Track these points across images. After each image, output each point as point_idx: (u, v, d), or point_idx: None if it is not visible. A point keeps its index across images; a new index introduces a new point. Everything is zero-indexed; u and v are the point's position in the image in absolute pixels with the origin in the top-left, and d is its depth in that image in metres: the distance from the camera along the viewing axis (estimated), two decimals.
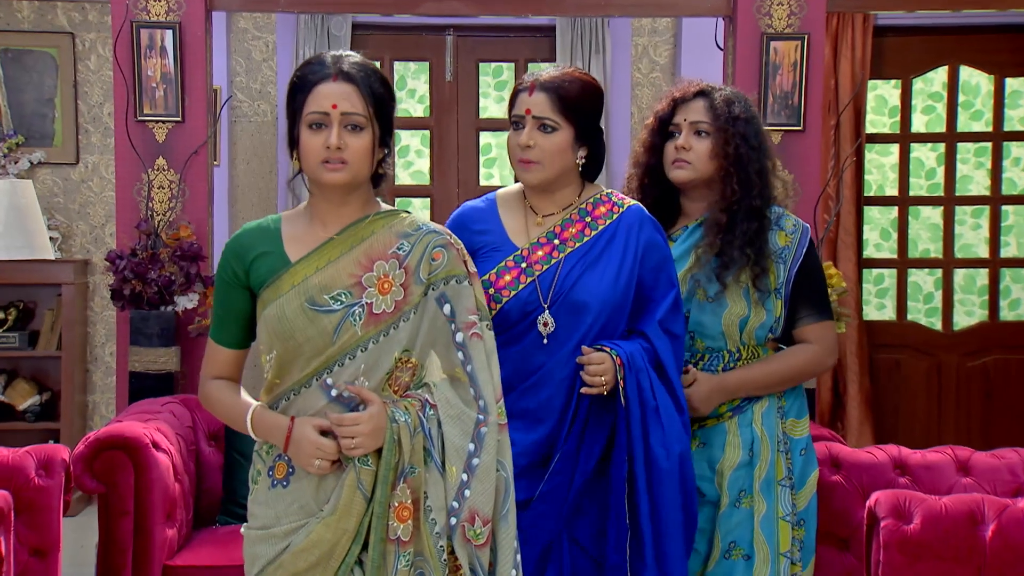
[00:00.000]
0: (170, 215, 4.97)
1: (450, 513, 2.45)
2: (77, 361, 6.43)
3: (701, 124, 3.16)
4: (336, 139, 2.45)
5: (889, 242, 6.96)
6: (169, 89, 5.02)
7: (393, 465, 2.44)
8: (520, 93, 2.91)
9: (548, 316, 2.88)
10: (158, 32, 4.99)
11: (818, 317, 3.18)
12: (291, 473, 2.51)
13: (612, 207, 2.98)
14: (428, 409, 2.48)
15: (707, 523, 3.11)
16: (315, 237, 2.54)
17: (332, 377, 2.48)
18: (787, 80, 5.10)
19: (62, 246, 6.56)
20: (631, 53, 6.92)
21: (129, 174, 5.01)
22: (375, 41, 6.99)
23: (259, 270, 2.53)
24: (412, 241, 2.54)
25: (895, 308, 6.91)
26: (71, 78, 6.58)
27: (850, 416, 6.51)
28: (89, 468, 3.71)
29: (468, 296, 2.55)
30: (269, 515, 2.52)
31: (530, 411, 2.88)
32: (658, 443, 2.83)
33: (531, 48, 7.02)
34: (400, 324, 2.50)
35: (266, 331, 2.51)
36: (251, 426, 2.53)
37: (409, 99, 7.16)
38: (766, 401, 3.14)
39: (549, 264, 2.91)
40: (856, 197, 6.48)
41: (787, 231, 3.16)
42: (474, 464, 2.47)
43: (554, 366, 2.87)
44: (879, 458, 3.63)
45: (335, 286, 2.49)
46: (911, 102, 6.83)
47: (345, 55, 2.54)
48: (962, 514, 3.13)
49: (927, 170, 6.95)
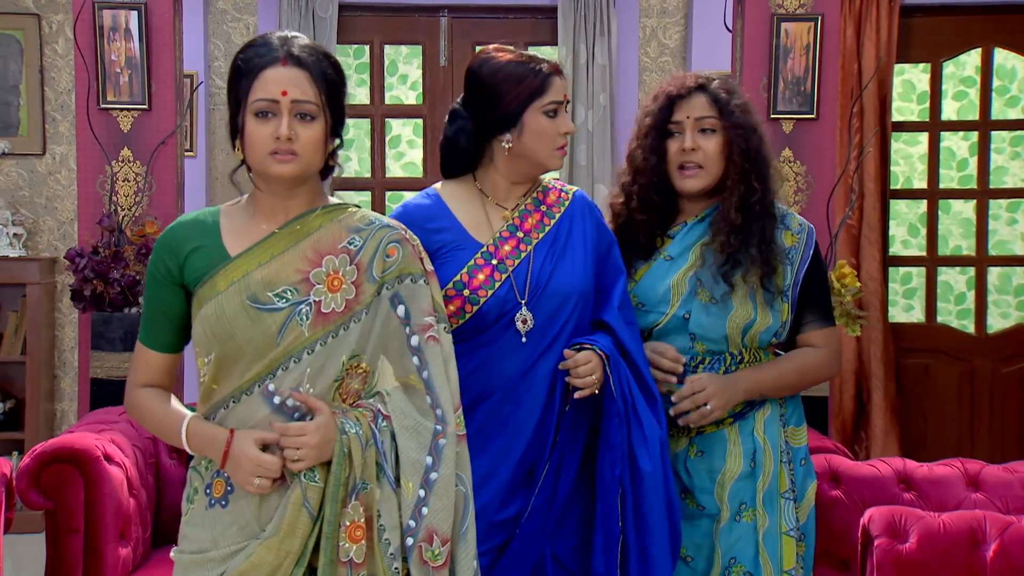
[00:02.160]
0: (136, 210, 4.99)
1: (406, 532, 2.42)
2: (43, 366, 6.43)
3: (707, 120, 3.12)
4: (286, 129, 2.41)
5: (917, 238, 6.92)
6: (135, 75, 5.04)
7: (343, 481, 2.40)
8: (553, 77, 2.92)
9: (526, 312, 2.88)
10: (122, 13, 5.00)
11: (823, 323, 3.17)
12: (230, 492, 2.47)
13: (560, 194, 3.05)
14: (381, 420, 2.45)
15: (706, 538, 3.10)
16: (257, 231, 2.51)
17: (275, 383, 2.44)
18: (799, 64, 5.09)
19: (27, 243, 6.56)
20: (639, 35, 6.90)
21: (91, 166, 5.03)
22: (364, 23, 7.00)
23: (194, 265, 2.48)
24: (364, 236, 2.52)
25: (924, 310, 6.87)
26: (37, 63, 6.58)
27: (874, 426, 6.46)
28: (35, 482, 3.69)
29: (424, 296, 2.53)
30: (205, 538, 2.47)
31: (511, 417, 2.87)
32: (639, 442, 2.86)
33: (531, 30, 7.01)
34: (351, 325, 2.47)
35: (203, 332, 2.46)
36: (186, 439, 2.48)
37: (401, 85, 7.16)
38: (768, 408, 3.13)
39: (520, 258, 2.93)
40: (881, 190, 6.44)
41: (793, 231, 3.15)
42: (432, 479, 2.44)
43: (534, 365, 2.88)
44: (882, 472, 3.61)
45: (280, 282, 2.45)
46: (941, 87, 6.79)
47: (293, 36, 2.49)
48: (962, 532, 3.11)
49: (958, 160, 6.91)
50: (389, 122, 7.16)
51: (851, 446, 6.43)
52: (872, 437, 6.47)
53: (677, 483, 3.13)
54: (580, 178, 6.69)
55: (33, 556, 4.96)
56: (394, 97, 7.15)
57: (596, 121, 6.71)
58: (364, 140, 7.13)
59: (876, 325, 6.31)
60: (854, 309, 4.79)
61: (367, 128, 7.11)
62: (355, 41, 7.05)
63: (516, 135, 2.92)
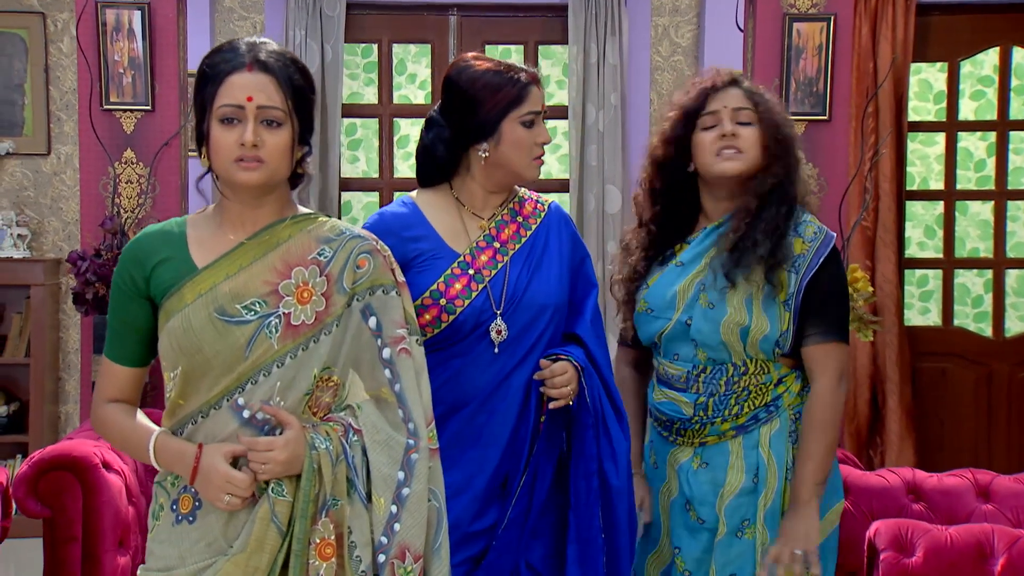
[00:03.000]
0: (139, 212, 5.00)
1: (378, 549, 2.40)
2: (48, 369, 6.42)
3: (743, 112, 3.13)
4: (251, 135, 2.38)
5: (934, 240, 6.89)
6: (138, 75, 5.05)
7: (313, 497, 2.38)
8: (530, 87, 2.93)
9: (501, 323, 2.90)
10: (125, 12, 5.02)
11: (824, 337, 3.10)
12: (198, 507, 2.44)
13: (536, 205, 3.08)
14: (352, 435, 2.43)
15: (706, 553, 3.10)
16: (225, 241, 2.49)
17: (244, 397, 2.42)
18: (811, 65, 5.08)
19: (32, 244, 6.54)
20: (650, 34, 6.87)
21: (94, 167, 5.05)
22: (372, 21, 6.99)
23: (161, 277, 2.46)
24: (335, 247, 2.50)
25: (940, 312, 6.84)
26: (42, 62, 6.56)
27: (890, 431, 6.42)
28: (33, 490, 3.71)
29: (396, 308, 2.51)
30: (172, 555, 2.45)
31: (486, 428, 2.89)
32: (608, 456, 2.89)
33: (542, 29, 7.00)
34: (321, 337, 2.45)
35: (169, 345, 2.44)
36: (154, 455, 2.46)
37: (409, 84, 7.16)
38: (777, 422, 3.10)
39: (496, 268, 2.94)
40: (897, 191, 6.39)
41: (805, 238, 3.12)
42: (404, 494, 2.42)
43: (509, 376, 2.89)
44: (891, 482, 3.60)
45: (248, 295, 2.43)
46: (958, 87, 6.75)
47: (261, 42, 2.48)
48: (969, 546, 3.10)
49: (976, 161, 6.88)
50: (397, 122, 7.14)
51: (866, 451, 6.40)
52: (887, 442, 6.43)
53: (681, 494, 3.15)
54: (591, 179, 6.67)
55: (32, 561, 4.98)
56: (403, 96, 7.14)
57: (607, 121, 6.69)
58: (372, 140, 7.12)
59: (891, 328, 6.27)
60: (867, 314, 4.78)
61: (375, 128, 7.10)
62: (363, 40, 7.04)
63: (493, 144, 2.93)
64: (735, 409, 3.11)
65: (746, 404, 3.11)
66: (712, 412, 3.11)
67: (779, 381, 3.13)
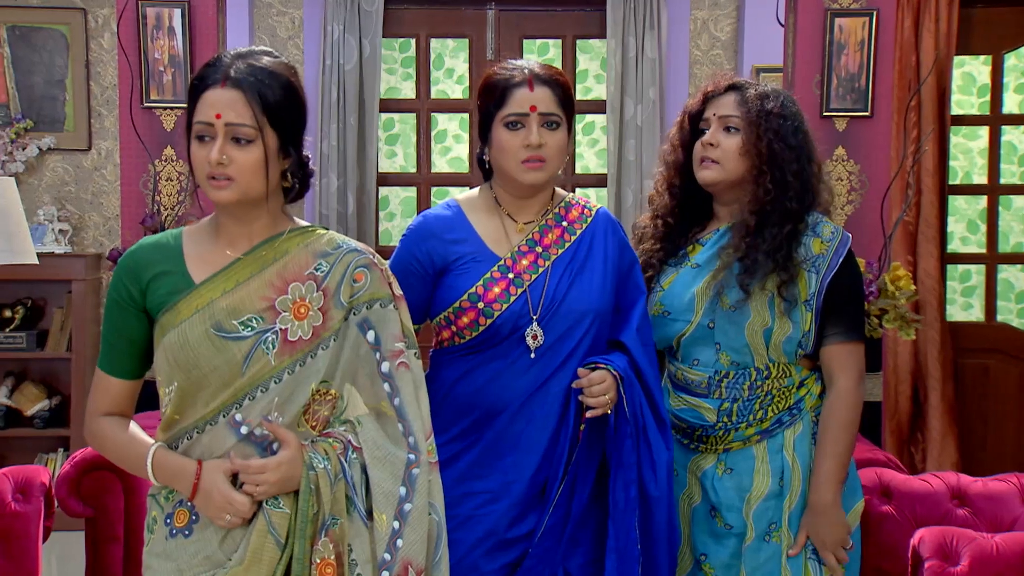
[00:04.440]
0: (179, 209, 5.00)
1: (380, 566, 2.38)
2: (89, 363, 6.41)
3: (731, 119, 3.11)
4: (216, 154, 2.35)
5: (977, 235, 6.82)
6: (178, 73, 5.05)
7: (311, 517, 2.37)
8: (514, 89, 2.86)
9: (537, 328, 2.86)
10: (165, 11, 5.02)
11: (845, 337, 3.08)
12: (194, 521, 2.43)
13: (583, 211, 3.01)
14: (351, 452, 2.42)
15: (734, 558, 3.08)
16: (221, 256, 2.47)
17: (242, 413, 2.40)
18: (853, 61, 5.02)
19: (73, 239, 6.59)
20: (689, 28, 6.84)
21: (135, 165, 5.05)
22: (410, 16, 6.98)
23: (157, 292, 2.44)
24: (331, 261, 2.48)
25: (983, 308, 6.76)
26: (83, 57, 6.61)
27: (931, 428, 6.36)
28: (76, 490, 3.70)
29: (394, 321, 2.49)
30: (169, 568, 2.43)
31: (523, 434, 2.86)
32: (647, 466, 2.85)
33: (579, 23, 6.97)
34: (318, 352, 2.44)
35: (166, 360, 2.42)
36: (151, 470, 2.43)
37: (447, 79, 7.14)
38: (800, 425, 3.09)
39: (537, 273, 2.90)
40: (939, 186, 6.32)
41: (823, 238, 3.10)
42: (406, 510, 2.41)
43: (547, 382, 2.86)
44: (935, 487, 3.55)
45: (245, 310, 2.41)
46: (1002, 80, 6.66)
47: (249, 53, 2.44)
48: (1015, 555, 3.06)
49: (1020, 155, 6.80)
50: (435, 116, 7.13)
51: (907, 448, 6.34)
52: (929, 440, 6.37)
53: (705, 501, 3.12)
54: (629, 174, 6.64)
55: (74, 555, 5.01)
56: (440, 91, 7.13)
57: (645, 116, 6.66)
58: (410, 135, 7.11)
59: (933, 324, 6.21)
60: (909, 312, 4.72)
61: (413, 123, 7.10)
62: (401, 35, 7.03)
63: (490, 149, 2.92)
64: (759, 414, 3.09)
65: (770, 408, 3.09)
66: (736, 418, 3.09)
67: (801, 384, 3.11)
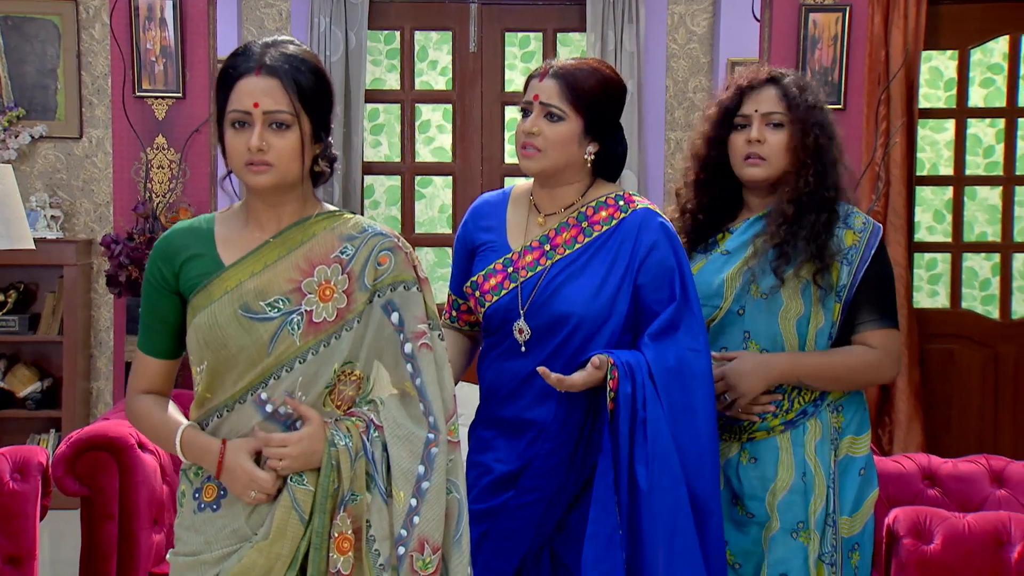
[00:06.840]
0: (170, 197, 5.00)
1: (397, 542, 2.39)
2: (80, 346, 6.47)
3: (775, 115, 3.05)
4: (257, 140, 2.37)
5: (943, 225, 6.87)
6: (169, 63, 5.05)
7: (331, 492, 2.38)
8: (532, 79, 2.91)
9: (523, 323, 2.87)
10: (157, 2, 5.00)
11: (881, 323, 3.04)
12: (222, 496, 2.45)
13: (614, 212, 2.91)
14: (373, 431, 2.43)
15: (755, 545, 3.03)
16: (251, 239, 2.48)
17: (267, 392, 2.42)
18: (827, 55, 5.05)
19: (64, 225, 6.57)
20: (666, 22, 6.86)
21: (126, 153, 5.04)
22: (395, 9, 6.98)
23: (190, 274, 2.46)
24: (357, 244, 2.49)
25: (948, 295, 6.81)
26: (74, 47, 6.58)
27: (898, 411, 6.40)
28: (71, 470, 3.73)
29: (418, 303, 2.49)
30: (198, 540, 2.45)
31: (507, 420, 2.90)
32: (641, 460, 2.74)
33: (560, 17, 6.99)
34: (342, 334, 2.45)
35: (196, 340, 2.45)
36: (180, 449, 2.46)
37: (431, 71, 7.15)
38: (820, 426, 3.04)
39: (534, 271, 2.90)
40: (907, 176, 6.35)
41: (855, 229, 3.05)
42: (424, 488, 2.41)
43: (532, 374, 2.84)
44: (907, 468, 3.59)
45: (272, 292, 2.43)
46: (968, 74, 6.69)
47: (276, 42, 2.46)
48: (987, 534, 3.09)
49: (985, 147, 6.85)
50: (419, 107, 7.14)
51: (875, 431, 6.38)
52: (896, 422, 6.41)
53: (727, 490, 3.06)
54: None
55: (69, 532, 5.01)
56: (424, 83, 7.14)
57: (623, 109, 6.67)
58: (394, 125, 7.12)
59: (901, 311, 6.21)
60: None
61: (397, 113, 7.11)
62: (386, 27, 7.04)
63: None
64: (785, 405, 3.04)
65: (796, 400, 3.05)
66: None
67: None
